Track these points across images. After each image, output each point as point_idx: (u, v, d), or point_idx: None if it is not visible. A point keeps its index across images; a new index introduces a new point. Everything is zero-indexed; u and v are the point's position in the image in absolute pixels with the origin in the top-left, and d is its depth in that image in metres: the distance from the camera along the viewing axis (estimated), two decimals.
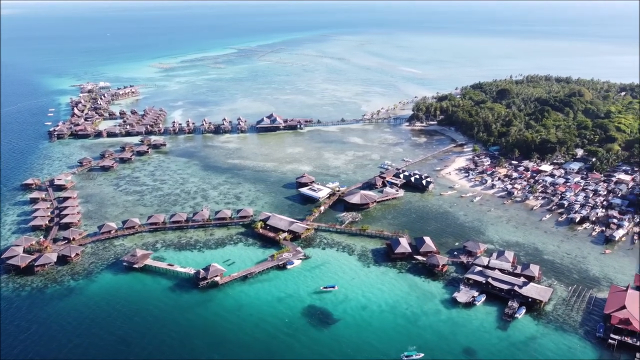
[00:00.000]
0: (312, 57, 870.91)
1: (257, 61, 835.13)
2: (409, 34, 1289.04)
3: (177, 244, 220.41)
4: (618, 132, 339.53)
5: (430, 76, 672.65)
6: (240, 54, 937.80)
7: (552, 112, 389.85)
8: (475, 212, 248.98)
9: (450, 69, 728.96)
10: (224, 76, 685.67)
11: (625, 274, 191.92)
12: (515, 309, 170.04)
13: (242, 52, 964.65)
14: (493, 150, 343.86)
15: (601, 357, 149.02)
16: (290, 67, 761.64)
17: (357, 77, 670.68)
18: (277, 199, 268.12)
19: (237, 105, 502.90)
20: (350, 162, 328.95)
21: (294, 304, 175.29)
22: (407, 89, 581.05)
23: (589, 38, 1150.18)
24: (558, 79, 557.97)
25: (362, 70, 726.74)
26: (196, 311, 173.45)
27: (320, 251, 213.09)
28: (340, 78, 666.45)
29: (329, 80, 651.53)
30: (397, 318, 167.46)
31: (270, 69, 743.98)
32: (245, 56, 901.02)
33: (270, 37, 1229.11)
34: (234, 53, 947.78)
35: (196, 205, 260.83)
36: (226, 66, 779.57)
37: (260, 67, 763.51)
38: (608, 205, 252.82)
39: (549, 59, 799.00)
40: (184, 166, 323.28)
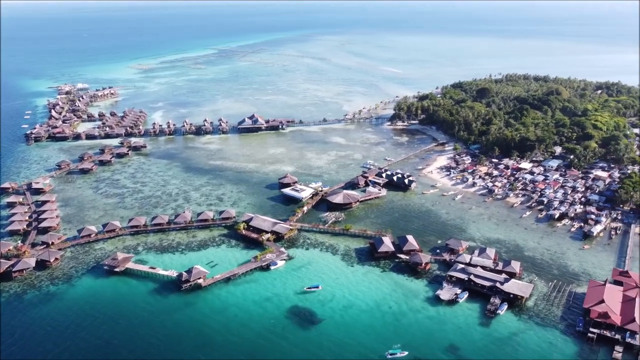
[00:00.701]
0: (293, 57, 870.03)
1: (238, 62, 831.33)
2: (390, 34, 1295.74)
3: (159, 247, 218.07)
4: (595, 129, 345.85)
5: (411, 76, 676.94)
6: (220, 54, 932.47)
7: (530, 111, 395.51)
8: (457, 210, 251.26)
9: (431, 69, 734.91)
10: (204, 77, 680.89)
11: (603, 269, 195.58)
12: (497, 305, 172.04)
13: (223, 52, 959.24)
14: (474, 148, 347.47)
15: (581, 351, 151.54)
16: (272, 68, 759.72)
17: (338, 77, 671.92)
18: (259, 200, 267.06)
19: (218, 106, 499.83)
20: (333, 162, 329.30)
21: (278, 305, 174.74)
22: (388, 89, 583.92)
23: (566, 37, 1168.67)
24: (536, 78, 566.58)
25: (343, 70, 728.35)
26: (180, 314, 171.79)
27: (303, 251, 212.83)
28: (321, 78, 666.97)
29: (310, 80, 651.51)
30: (381, 316, 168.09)
31: (252, 70, 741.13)
32: (226, 57, 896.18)
33: (251, 37, 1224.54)
34: (215, 53, 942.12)
35: (178, 207, 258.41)
36: (207, 67, 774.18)
37: (241, 68, 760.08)
38: (586, 202, 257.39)
39: (527, 58, 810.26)
40: (165, 168, 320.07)
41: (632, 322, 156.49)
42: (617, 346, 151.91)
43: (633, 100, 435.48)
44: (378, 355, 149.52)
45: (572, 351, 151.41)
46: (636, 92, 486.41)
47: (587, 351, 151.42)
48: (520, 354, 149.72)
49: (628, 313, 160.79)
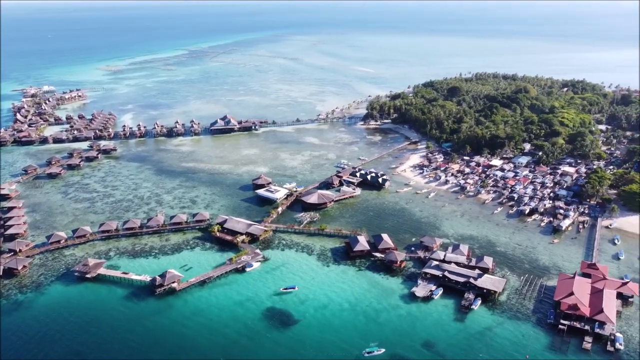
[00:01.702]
0: (265, 58, 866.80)
1: (209, 62, 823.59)
2: (361, 34, 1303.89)
3: (131, 252, 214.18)
4: (562, 126, 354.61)
5: (383, 75, 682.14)
6: (191, 55, 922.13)
7: (500, 109, 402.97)
8: (431, 208, 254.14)
9: (402, 68, 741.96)
10: (175, 78, 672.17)
11: (572, 262, 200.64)
12: (471, 300, 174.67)
13: (193, 53, 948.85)
14: (446, 146, 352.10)
15: (552, 342, 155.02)
16: (243, 68, 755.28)
17: (311, 77, 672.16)
18: (233, 202, 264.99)
19: (190, 108, 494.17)
20: (307, 162, 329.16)
21: (254, 307, 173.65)
22: (361, 88, 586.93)
23: (531, 36, 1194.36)
24: (505, 76, 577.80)
25: (316, 70, 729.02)
26: (154, 319, 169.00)
27: (279, 252, 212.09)
28: (294, 78, 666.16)
29: (283, 80, 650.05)
30: (358, 315, 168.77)
31: (223, 70, 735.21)
32: (197, 57, 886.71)
33: (222, 37, 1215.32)
34: (185, 54, 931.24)
35: (150, 210, 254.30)
36: (177, 68, 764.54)
37: (213, 68, 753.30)
38: (555, 197, 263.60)
39: (495, 57, 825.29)
40: (136, 171, 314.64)
41: (601, 313, 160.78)
42: (586, 337, 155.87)
43: (597, 97, 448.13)
44: (355, 354, 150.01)
45: (544, 343, 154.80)
46: (600, 89, 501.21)
47: (558, 342, 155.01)
48: (495, 348, 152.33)
49: (596, 304, 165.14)
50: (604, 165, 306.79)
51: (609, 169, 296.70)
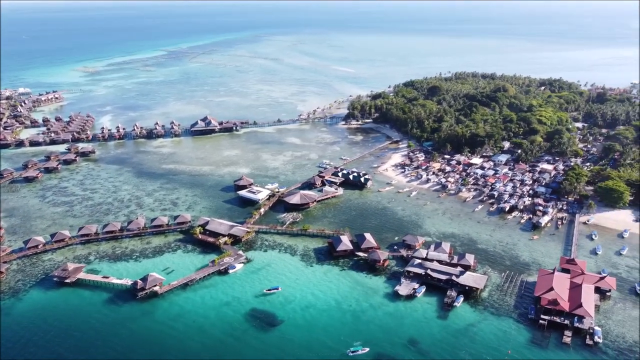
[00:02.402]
0: (245, 58, 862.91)
1: (189, 63, 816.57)
2: (341, 34, 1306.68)
3: (112, 255, 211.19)
4: (540, 124, 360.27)
5: (363, 75, 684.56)
6: (170, 56, 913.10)
7: (479, 107, 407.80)
8: (413, 207, 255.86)
9: (383, 68, 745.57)
10: (154, 79, 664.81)
11: (552, 257, 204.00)
12: (453, 297, 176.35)
13: (173, 54, 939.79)
14: (427, 145, 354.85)
15: (533, 337, 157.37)
16: (224, 69, 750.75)
17: (291, 77, 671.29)
18: (215, 203, 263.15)
19: (170, 109, 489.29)
20: (289, 163, 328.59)
21: (238, 308, 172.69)
22: (341, 88, 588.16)
23: (509, 36, 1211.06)
24: (484, 75, 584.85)
25: (296, 70, 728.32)
26: (136, 322, 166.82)
27: (262, 253, 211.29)
28: (275, 78, 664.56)
29: (263, 80, 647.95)
30: (342, 315, 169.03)
31: (203, 71, 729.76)
32: (176, 58, 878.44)
33: (201, 38, 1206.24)
34: (164, 55, 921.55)
35: (131, 213, 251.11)
36: (156, 69, 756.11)
37: (192, 69, 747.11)
38: (534, 194, 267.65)
39: (474, 56, 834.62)
40: (116, 173, 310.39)
41: (579, 307, 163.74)
42: (566, 331, 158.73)
43: (574, 95, 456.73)
44: (340, 353, 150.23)
45: (525, 338, 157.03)
46: (576, 87, 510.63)
47: (539, 337, 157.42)
48: (477, 344, 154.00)
49: (575, 299, 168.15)
50: (581, 162, 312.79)
51: (585, 166, 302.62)
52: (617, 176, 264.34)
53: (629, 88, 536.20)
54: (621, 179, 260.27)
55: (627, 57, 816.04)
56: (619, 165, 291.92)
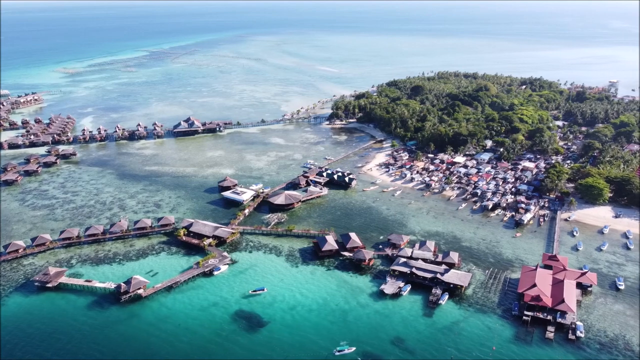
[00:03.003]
0: (228, 59, 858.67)
1: (171, 64, 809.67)
2: (323, 34, 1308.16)
3: (94, 259, 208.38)
4: (521, 123, 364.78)
5: (347, 75, 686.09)
6: (152, 56, 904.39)
7: (462, 106, 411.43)
8: (397, 206, 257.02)
9: (366, 67, 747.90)
10: (136, 80, 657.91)
11: (534, 254, 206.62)
12: (438, 295, 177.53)
13: (154, 54, 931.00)
14: (410, 145, 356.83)
15: (517, 333, 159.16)
16: (206, 69, 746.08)
17: (275, 77, 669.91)
18: (199, 205, 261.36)
19: (152, 110, 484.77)
20: (273, 163, 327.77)
21: (224, 310, 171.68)
22: (325, 88, 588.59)
23: (491, 36, 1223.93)
24: (466, 75, 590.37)
25: (280, 70, 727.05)
26: (120, 326, 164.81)
27: (247, 255, 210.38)
28: (258, 79, 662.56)
29: (246, 81, 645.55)
30: (328, 315, 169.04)
31: (185, 72, 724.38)
32: (158, 59, 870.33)
33: (183, 38, 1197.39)
34: (146, 56, 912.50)
35: (113, 216, 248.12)
36: (138, 69, 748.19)
37: (175, 70, 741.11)
38: (516, 192, 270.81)
39: (456, 56, 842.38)
40: (98, 176, 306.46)
41: (562, 303, 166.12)
42: (549, 326, 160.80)
43: (554, 94, 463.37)
44: (326, 353, 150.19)
45: (509, 334, 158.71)
46: (556, 86, 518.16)
47: (523, 333, 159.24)
48: (462, 341, 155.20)
49: (557, 295, 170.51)
50: (562, 160, 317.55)
51: (566, 164, 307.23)
52: (597, 173, 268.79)
53: (608, 87, 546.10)
54: (601, 176, 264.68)
55: (606, 56, 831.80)
56: (598, 163, 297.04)
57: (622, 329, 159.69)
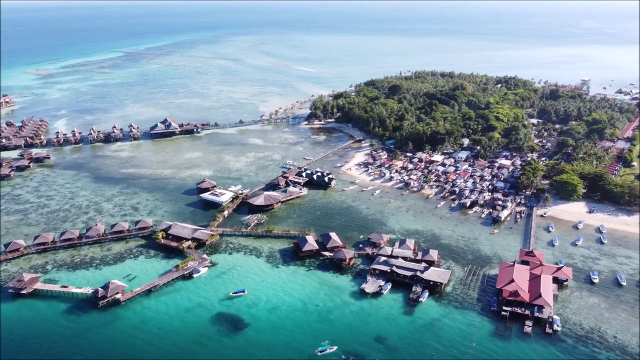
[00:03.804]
0: (205, 59, 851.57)
1: (147, 64, 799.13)
2: (301, 34, 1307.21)
3: (70, 264, 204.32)
4: (497, 121, 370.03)
5: (325, 74, 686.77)
6: (127, 57, 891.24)
7: (439, 105, 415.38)
8: (377, 205, 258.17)
9: (344, 67, 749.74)
10: (111, 81, 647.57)
11: (512, 250, 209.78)
12: (419, 293, 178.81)
13: (130, 55, 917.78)
14: (389, 144, 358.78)
15: (497, 328, 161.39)
16: (183, 70, 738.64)
17: (253, 78, 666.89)
18: (177, 207, 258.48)
19: (128, 112, 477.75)
20: (252, 164, 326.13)
21: (204, 313, 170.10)
22: (303, 88, 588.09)
23: (466, 35, 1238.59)
24: (443, 74, 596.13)
25: (257, 71, 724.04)
26: (98, 332, 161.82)
27: (227, 256, 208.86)
28: (235, 79, 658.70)
29: (224, 81, 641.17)
30: (309, 315, 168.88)
31: (161, 72, 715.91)
32: (134, 60, 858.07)
33: (159, 39, 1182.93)
34: (121, 57, 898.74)
35: (89, 220, 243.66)
36: (113, 71, 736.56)
37: (151, 71, 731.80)
38: (493, 189, 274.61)
39: (433, 55, 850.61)
40: (73, 179, 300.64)
41: (539, 297, 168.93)
42: (527, 321, 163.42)
43: (529, 92, 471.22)
44: (308, 353, 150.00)
45: (488, 330, 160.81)
46: (531, 85, 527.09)
47: (502, 328, 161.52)
48: (443, 338, 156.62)
49: (535, 290, 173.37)
50: (537, 157, 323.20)
51: (541, 161, 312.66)
52: (571, 170, 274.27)
53: (580, 85, 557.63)
54: (575, 173, 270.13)
55: (578, 55, 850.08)
56: (572, 159, 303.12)
57: (597, 322, 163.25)
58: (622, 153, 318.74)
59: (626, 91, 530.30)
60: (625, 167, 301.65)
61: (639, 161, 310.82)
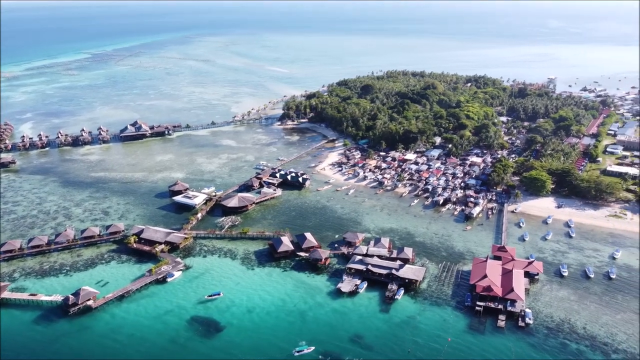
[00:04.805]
0: (175, 60, 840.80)
1: (115, 66, 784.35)
2: (272, 34, 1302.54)
3: (39, 271, 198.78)
4: (468, 119, 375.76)
5: (297, 75, 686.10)
6: (95, 59, 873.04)
7: (411, 105, 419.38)
8: (351, 204, 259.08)
9: (316, 67, 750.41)
10: (78, 83, 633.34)
11: (484, 246, 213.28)
12: (394, 291, 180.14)
13: (97, 56, 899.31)
14: (362, 143, 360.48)
15: (471, 323, 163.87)
16: (153, 71, 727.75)
17: (224, 79, 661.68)
18: (149, 210, 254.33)
19: (97, 114, 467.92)
20: (225, 165, 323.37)
21: (179, 317, 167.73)
22: (276, 89, 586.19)
23: (435, 35, 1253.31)
24: (414, 74, 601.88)
25: (229, 71, 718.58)
26: (69, 340, 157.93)
27: (201, 259, 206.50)
28: (207, 80, 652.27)
29: (195, 82, 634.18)
30: (286, 316, 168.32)
31: (131, 74, 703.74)
32: (102, 61, 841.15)
33: (128, 40, 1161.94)
34: (88, 58, 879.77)
35: (58, 225, 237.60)
36: (80, 72, 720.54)
37: (119, 72, 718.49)
38: (465, 186, 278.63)
39: (404, 55, 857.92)
40: (40, 184, 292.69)
41: (511, 292, 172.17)
42: (500, 315, 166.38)
43: (498, 91, 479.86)
44: (285, 354, 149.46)
45: (463, 325, 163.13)
46: (500, 83, 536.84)
47: (476, 323, 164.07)
48: (419, 334, 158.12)
49: (507, 284, 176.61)
50: (507, 154, 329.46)
51: (511, 158, 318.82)
52: (539, 166, 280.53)
53: (547, 83, 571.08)
54: (543, 169, 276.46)
55: (544, 54, 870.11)
56: (541, 156, 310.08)
57: (567, 314, 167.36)
58: (587, 149, 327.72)
59: (591, 89, 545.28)
60: (591, 162, 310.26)
61: (604, 157, 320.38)
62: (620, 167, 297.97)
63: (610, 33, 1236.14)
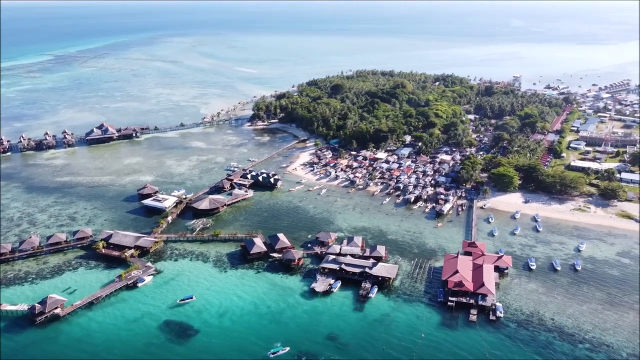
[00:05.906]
0: (141, 61, 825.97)
1: (79, 68, 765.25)
2: (240, 34, 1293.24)
3: (2, 280, 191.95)
4: (437, 117, 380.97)
5: (266, 75, 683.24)
6: (57, 60, 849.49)
7: (381, 104, 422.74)
8: (324, 204, 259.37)
9: (285, 67, 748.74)
10: (40, 86, 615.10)
11: (455, 242, 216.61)
12: (368, 289, 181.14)
13: (60, 58, 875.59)
14: (333, 143, 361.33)
15: (444, 319, 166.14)
16: (119, 73, 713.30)
17: (192, 80, 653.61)
18: (118, 215, 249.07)
19: (61, 117, 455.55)
20: (195, 168, 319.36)
21: (151, 322, 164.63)
22: (245, 89, 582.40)
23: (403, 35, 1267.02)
24: (383, 73, 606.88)
25: (197, 72, 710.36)
26: (36, 350, 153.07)
27: (172, 263, 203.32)
28: (175, 81, 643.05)
29: (162, 84, 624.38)
30: (260, 318, 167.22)
31: (96, 76, 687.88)
32: (65, 63, 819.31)
33: (92, 41, 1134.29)
34: (50, 60, 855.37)
35: (22, 232, 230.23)
36: (42, 75, 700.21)
37: (84, 74, 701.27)
38: (435, 184, 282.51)
39: (373, 55, 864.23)
40: (2, 190, 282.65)
41: (482, 286, 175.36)
42: (472, 310, 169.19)
43: (465, 89, 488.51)
44: (261, 356, 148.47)
45: (436, 320, 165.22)
46: (467, 82, 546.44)
47: (448, 318, 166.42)
48: (393, 331, 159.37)
49: (478, 279, 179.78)
50: (475, 152, 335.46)
51: (479, 155, 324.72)
52: (507, 162, 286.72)
53: (512, 81, 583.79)
54: (510, 165, 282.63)
55: (509, 52, 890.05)
56: (508, 153, 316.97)
57: (536, 306, 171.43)
58: (552, 145, 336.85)
59: (554, 86, 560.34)
60: (556, 158, 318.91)
61: (568, 152, 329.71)
62: (584, 162, 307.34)
63: (571, 32, 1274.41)
